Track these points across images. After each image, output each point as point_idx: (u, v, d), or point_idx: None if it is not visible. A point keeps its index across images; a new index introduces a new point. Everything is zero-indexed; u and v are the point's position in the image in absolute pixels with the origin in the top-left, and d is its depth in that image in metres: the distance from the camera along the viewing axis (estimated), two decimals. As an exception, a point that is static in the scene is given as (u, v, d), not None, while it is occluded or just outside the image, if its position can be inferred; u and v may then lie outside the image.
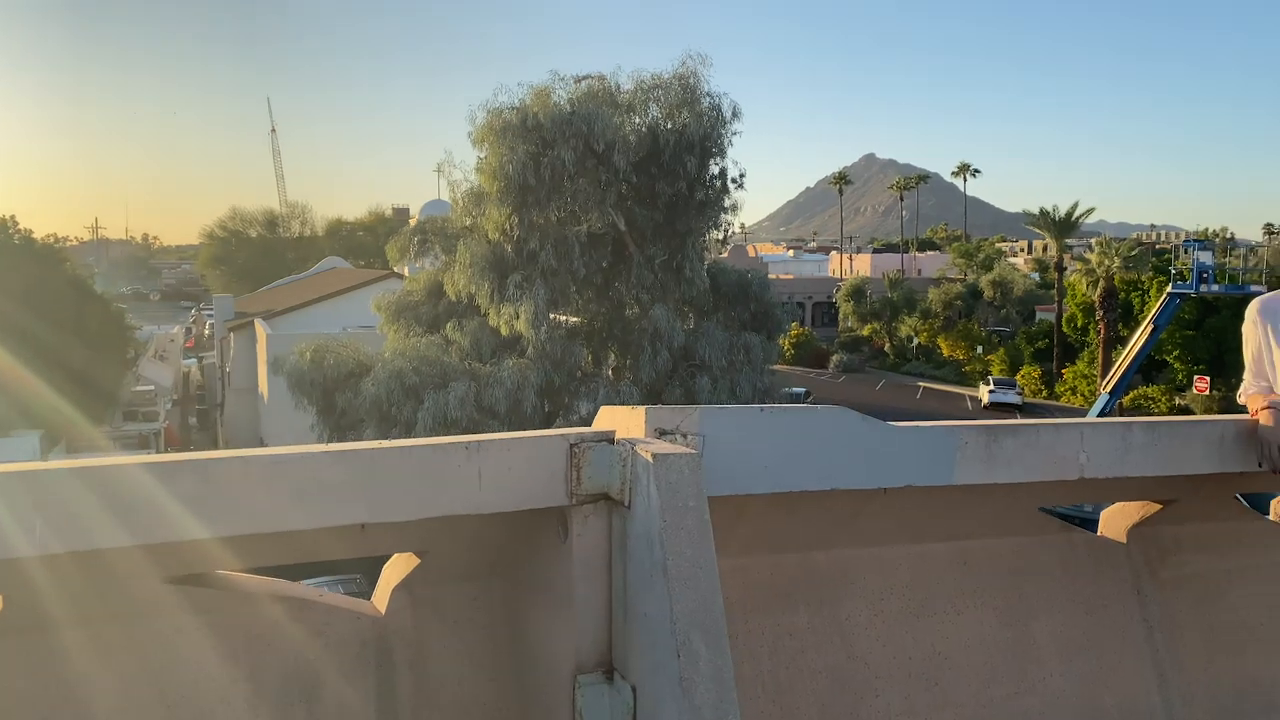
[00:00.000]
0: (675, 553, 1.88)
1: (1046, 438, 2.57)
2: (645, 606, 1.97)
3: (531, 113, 19.33)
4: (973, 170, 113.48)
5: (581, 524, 2.09)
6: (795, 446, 2.31)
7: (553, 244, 19.70)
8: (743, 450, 2.25)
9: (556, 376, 20.47)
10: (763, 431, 2.27)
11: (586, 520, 2.09)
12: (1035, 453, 2.55)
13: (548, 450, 2.05)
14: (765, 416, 2.28)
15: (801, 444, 2.30)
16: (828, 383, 57.74)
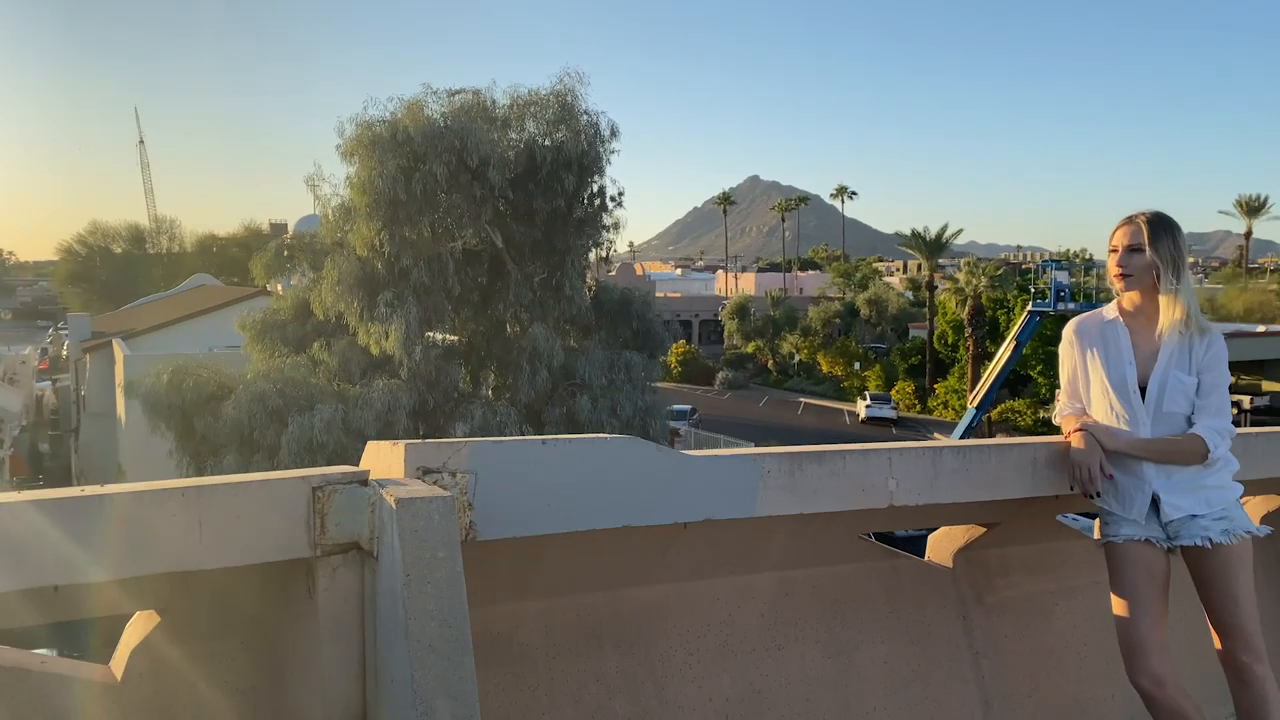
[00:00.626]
0: (419, 612, 1.66)
1: (854, 465, 2.46)
2: (393, 670, 1.74)
3: (402, 126, 18.84)
4: (850, 192, 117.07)
5: (329, 578, 1.84)
6: (584, 481, 2.12)
7: (426, 261, 19.21)
8: (524, 487, 2.05)
9: (431, 397, 19.93)
10: (545, 465, 2.07)
11: (335, 574, 1.85)
12: (841, 481, 2.44)
13: (285, 495, 1.80)
14: (548, 449, 2.08)
15: (590, 478, 2.12)
16: (713, 399, 58.35)
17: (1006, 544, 3.36)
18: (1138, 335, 2.82)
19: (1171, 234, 2.76)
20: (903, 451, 2.53)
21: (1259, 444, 3.33)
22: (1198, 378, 2.75)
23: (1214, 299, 60.58)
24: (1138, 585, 2.74)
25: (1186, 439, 2.73)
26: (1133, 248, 2.76)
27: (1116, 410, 2.80)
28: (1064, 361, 2.98)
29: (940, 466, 2.61)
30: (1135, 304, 2.84)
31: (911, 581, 3.18)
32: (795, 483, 2.36)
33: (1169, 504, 2.74)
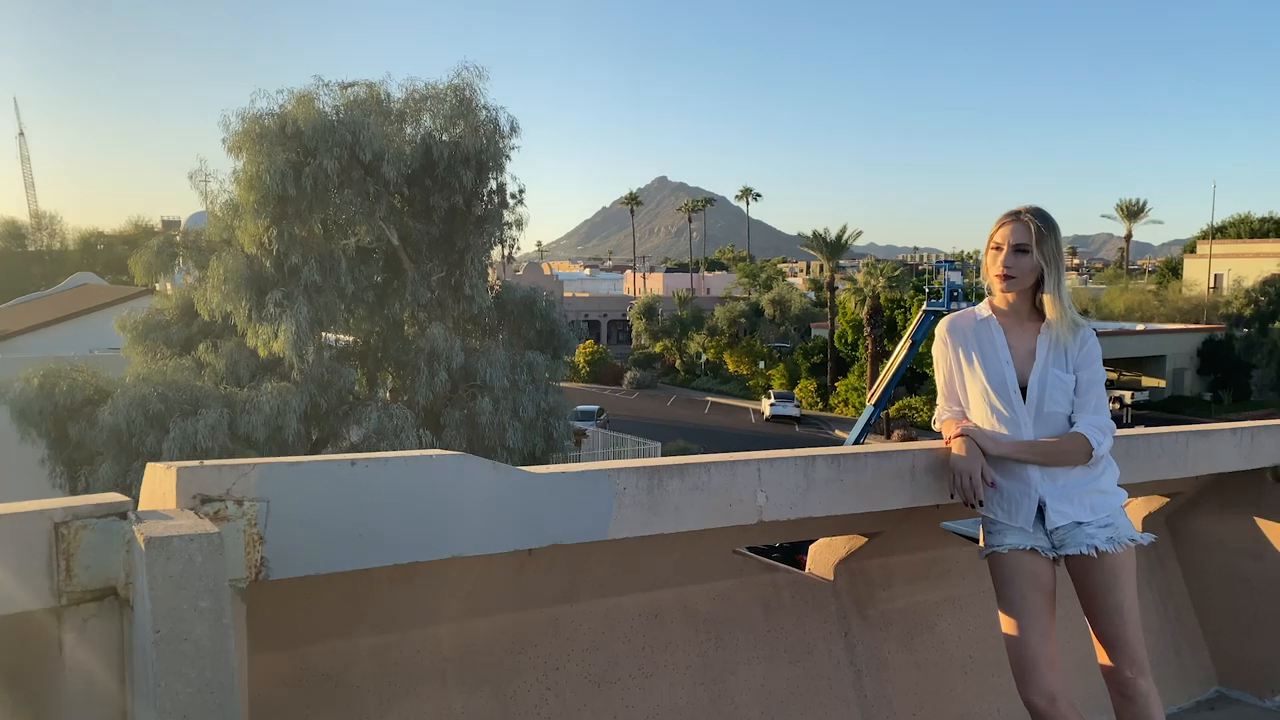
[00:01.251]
0: (172, 675, 1.36)
1: (719, 478, 2.25)
2: (151, 743, 1.44)
3: (292, 119, 18.09)
4: (755, 194, 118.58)
5: (78, 631, 1.53)
6: (403, 505, 1.84)
7: (317, 259, 18.49)
8: (328, 515, 1.76)
9: (324, 400, 19.20)
10: (355, 490, 1.79)
11: (85, 626, 1.53)
12: (705, 496, 2.22)
13: (17, 532, 1.48)
14: (358, 470, 1.80)
15: (411, 503, 1.85)
16: (622, 399, 58.27)
17: (889, 553, 3.21)
18: (1013, 334, 2.70)
19: (1054, 233, 2.64)
20: (773, 462, 2.33)
21: (1140, 446, 3.25)
22: (1075, 375, 2.63)
23: (1097, 299, 63.29)
24: (1026, 597, 2.60)
25: (1069, 438, 2.61)
26: (1019, 248, 2.62)
27: (997, 412, 2.66)
28: (939, 363, 2.84)
29: (813, 477, 2.42)
30: (1009, 302, 2.71)
31: (791, 597, 2.99)
32: (655, 500, 2.13)
33: (1055, 510, 2.62)
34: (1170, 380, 50.57)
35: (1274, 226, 78.40)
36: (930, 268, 47.42)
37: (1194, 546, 4.04)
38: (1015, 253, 2.61)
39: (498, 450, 20.03)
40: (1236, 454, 3.53)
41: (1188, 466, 3.39)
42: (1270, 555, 3.84)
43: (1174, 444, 3.32)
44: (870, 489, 2.55)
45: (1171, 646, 3.99)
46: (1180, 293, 63.69)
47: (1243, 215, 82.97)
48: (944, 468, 2.68)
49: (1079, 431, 2.60)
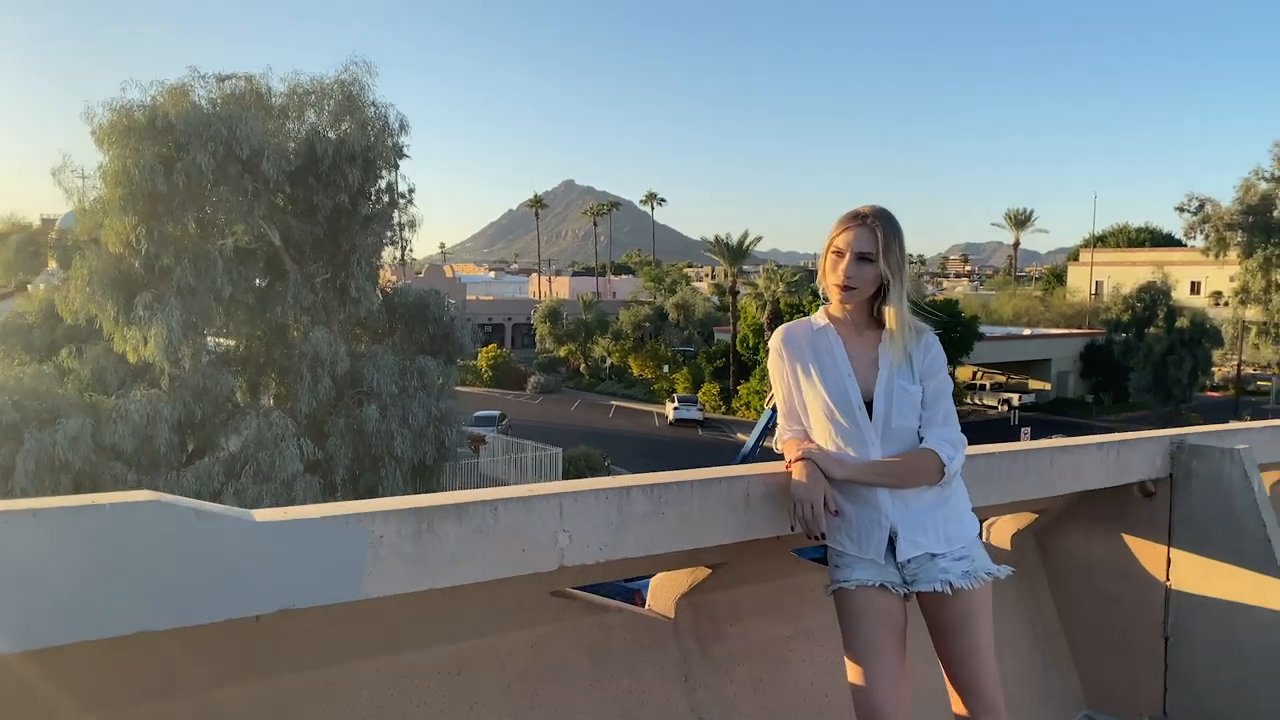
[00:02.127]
0: None
1: (510, 518, 1.90)
2: None
3: (163, 112, 17.08)
4: (659, 199, 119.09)
5: None
6: (79, 568, 1.45)
7: (191, 259, 17.50)
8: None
9: (199, 408, 18.20)
10: (23, 547, 1.39)
11: None
12: (491, 541, 1.87)
13: None
14: (30, 521, 1.40)
15: (87, 562, 1.45)
16: (525, 404, 57.53)
17: (737, 584, 2.91)
18: (852, 344, 2.44)
19: (899, 240, 2.39)
20: (578, 496, 2.00)
21: (1002, 465, 3.04)
22: (922, 385, 2.39)
23: (987, 304, 65.41)
24: (875, 638, 2.33)
25: (919, 455, 2.36)
26: (863, 256, 2.36)
27: (841, 429, 2.39)
28: (775, 379, 2.56)
29: (628, 511, 2.10)
30: (845, 310, 2.45)
31: (623, 640, 2.67)
32: (424, 549, 1.77)
33: (907, 540, 2.36)
34: (1055, 383, 52.52)
35: (1149, 236, 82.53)
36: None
37: (1063, 564, 3.88)
38: (858, 261, 2.35)
39: (385, 460, 19.34)
40: (1103, 470, 3.37)
41: (1053, 485, 3.20)
42: (1137, 573, 3.70)
43: (1038, 461, 3.12)
44: (698, 522, 2.25)
45: (1040, 669, 3.83)
46: (1064, 299, 66.35)
47: (1122, 225, 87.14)
48: (784, 495, 2.39)
49: (929, 448, 2.35)
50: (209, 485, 16.85)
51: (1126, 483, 3.52)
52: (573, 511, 1.99)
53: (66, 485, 16.01)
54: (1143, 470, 3.55)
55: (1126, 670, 3.75)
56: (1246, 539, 3.40)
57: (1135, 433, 3.79)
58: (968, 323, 47.12)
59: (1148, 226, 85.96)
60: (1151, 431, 3.84)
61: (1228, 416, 44.99)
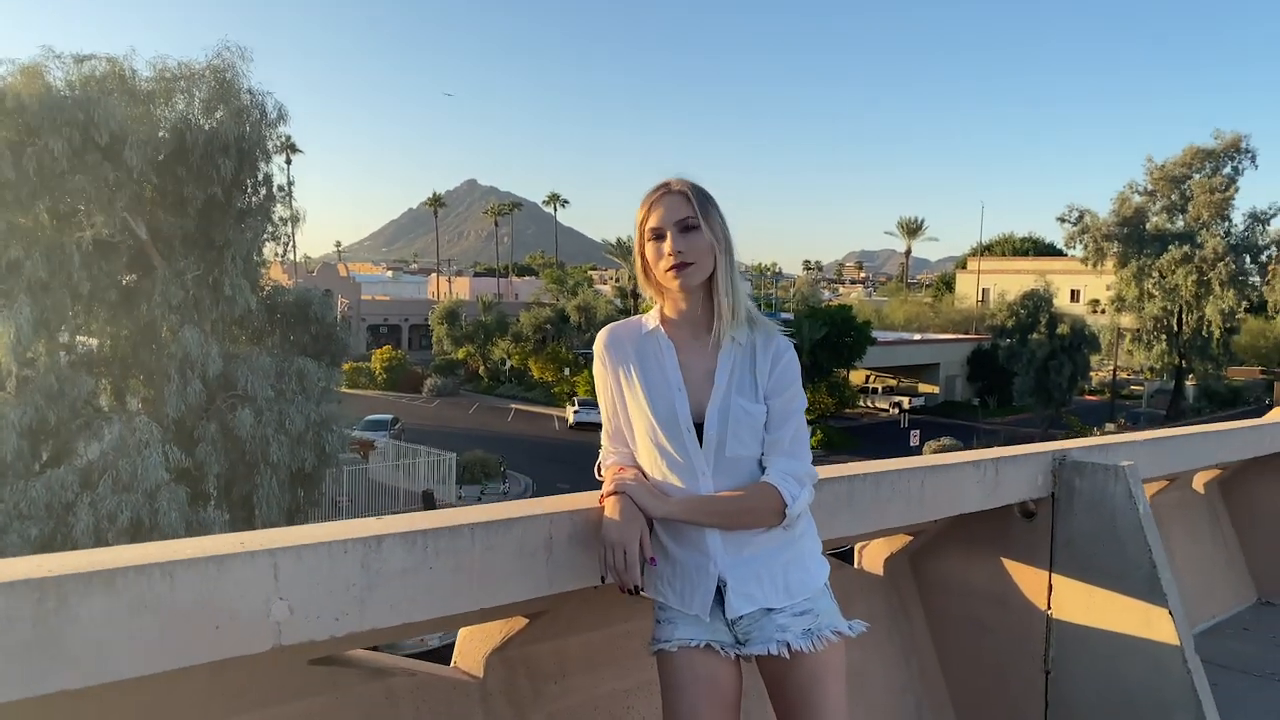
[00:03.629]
0: None
1: (195, 584, 1.40)
2: None
3: (13, 93, 15.77)
4: (562, 200, 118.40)
5: None
6: None
7: (43, 252, 16.20)
8: None
9: (53, 412, 16.87)
10: None
11: None
12: (163, 620, 1.37)
13: None
14: None
15: None
16: (420, 407, 56.14)
17: (562, 634, 2.47)
18: (687, 351, 2.01)
19: (716, 207, 1.99)
20: (302, 550, 1.51)
21: (865, 489, 2.67)
22: (766, 404, 1.98)
23: (880, 310, 66.91)
24: (699, 710, 1.91)
25: (755, 492, 1.94)
26: (685, 224, 1.94)
27: (668, 456, 1.97)
28: (599, 389, 2.13)
29: (379, 568, 1.62)
30: (680, 309, 2.03)
31: (416, 711, 2.18)
32: (50, 635, 1.27)
33: (737, 593, 1.95)
34: (944, 386, 53.95)
35: (1033, 245, 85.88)
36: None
37: (938, 591, 3.57)
38: (684, 232, 1.94)
39: (261, 466, 18.32)
40: (980, 491, 3.05)
41: (924, 510, 2.86)
42: (1015, 601, 3.41)
43: (907, 484, 2.77)
44: (482, 577, 1.79)
45: (914, 706, 3.50)
46: (953, 305, 68.38)
47: (1007, 235, 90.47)
48: (597, 537, 1.96)
49: (769, 483, 1.95)
50: (61, 496, 15.61)
51: (1005, 504, 3.21)
52: (294, 571, 1.51)
53: (-106, 498, 14.60)
54: (1023, 490, 3.25)
55: (1005, 705, 3.45)
56: (1130, 564, 3.13)
57: (1015, 448, 3.50)
58: (861, 327, 47.97)
59: (1031, 236, 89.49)
60: (1032, 447, 3.55)
61: (1104, 419, 46.95)
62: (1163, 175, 44.99)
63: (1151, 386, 53.01)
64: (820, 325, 45.76)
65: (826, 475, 2.49)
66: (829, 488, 2.51)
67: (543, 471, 36.34)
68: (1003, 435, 42.40)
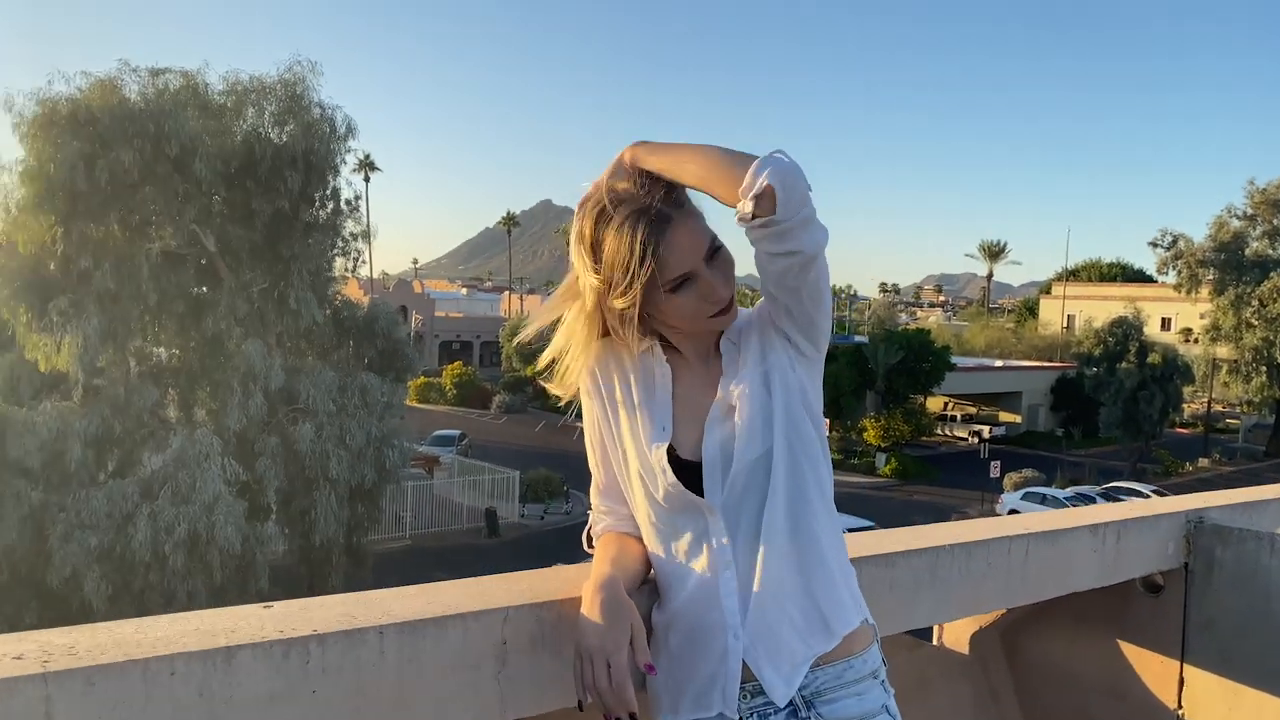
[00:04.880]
0: None
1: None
2: None
3: (85, 106, 15.97)
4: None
5: None
6: None
7: (113, 262, 16.33)
8: None
9: (119, 423, 16.97)
10: None
11: None
12: None
13: None
14: None
15: None
16: (489, 423, 56.33)
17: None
18: (687, 376, 1.49)
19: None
20: (94, 675, 0.99)
21: (954, 561, 2.06)
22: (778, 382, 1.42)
23: (960, 335, 65.04)
24: None
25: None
26: (714, 245, 1.40)
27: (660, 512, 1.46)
28: (587, 423, 1.59)
29: (229, 698, 1.09)
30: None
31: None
32: None
33: (771, 682, 1.39)
34: (1026, 415, 51.98)
35: (1121, 271, 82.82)
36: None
37: (1037, 677, 2.91)
38: (719, 261, 1.39)
39: (320, 482, 18.17)
40: (1096, 563, 2.42)
41: (1026, 588, 2.25)
42: (1135, 694, 2.74)
43: (1006, 556, 2.15)
44: (398, 702, 1.24)
45: (1005, 818, 2.85)
46: (1036, 332, 66.16)
47: (1094, 260, 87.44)
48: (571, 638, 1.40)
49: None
50: (122, 507, 15.60)
51: (1127, 579, 2.56)
52: (82, 704, 0.98)
53: (-40, 506, 14.75)
54: (1149, 561, 2.59)
55: (1120, 824, 2.78)
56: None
57: (1138, 506, 2.84)
58: (939, 352, 46.53)
59: (1120, 261, 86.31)
60: (1159, 504, 2.88)
61: (1197, 454, 44.62)
62: (1264, 199, 42.78)
63: (1249, 421, 50.33)
64: (896, 349, 44.50)
65: (901, 548, 1.90)
66: (905, 563, 1.91)
67: (605, 492, 35.75)
68: (1088, 468, 40.55)
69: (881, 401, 45.95)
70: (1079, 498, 33.59)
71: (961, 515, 36.14)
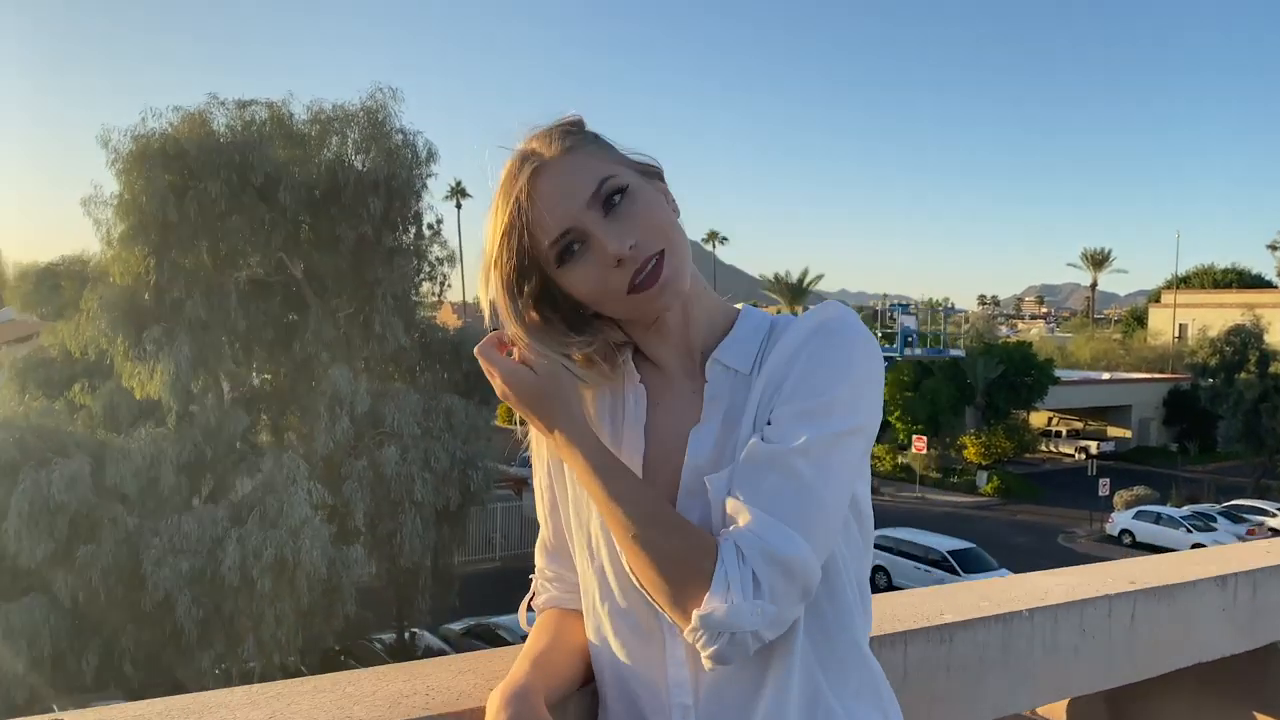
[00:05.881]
0: None
1: None
2: None
3: (174, 140, 16.43)
4: (721, 238, 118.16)
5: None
6: None
7: (203, 291, 16.72)
8: None
9: (210, 448, 17.32)
10: None
11: None
12: None
13: None
14: None
15: None
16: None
17: None
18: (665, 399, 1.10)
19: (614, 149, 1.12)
20: None
21: (1036, 634, 1.59)
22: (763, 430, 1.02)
23: (1064, 347, 62.44)
24: None
25: (691, 535, 0.99)
26: (611, 188, 1.03)
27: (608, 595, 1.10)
28: (535, 465, 1.21)
29: None
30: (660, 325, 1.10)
31: None
32: None
33: None
34: (1137, 430, 49.42)
35: (1237, 277, 78.42)
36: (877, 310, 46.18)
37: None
38: (610, 207, 1.02)
39: (405, 505, 18.22)
40: (1225, 625, 1.91)
41: (1134, 662, 1.76)
42: (1281, 781, 2.20)
43: (1105, 620, 1.67)
44: None
45: None
46: (1145, 342, 63.05)
47: (1206, 266, 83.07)
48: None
49: (709, 538, 0.98)
50: (212, 531, 15.86)
51: (1268, 642, 2.04)
52: None
53: (62, 528, 15.18)
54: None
55: None
56: None
57: (1276, 545, 2.30)
58: (1042, 366, 44.69)
59: (1235, 267, 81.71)
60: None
61: (1329, 469, 41.61)
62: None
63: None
64: (995, 363, 42.89)
65: (963, 616, 1.46)
66: (968, 636, 1.47)
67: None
68: (1206, 485, 38.22)
69: (982, 417, 44.29)
70: (1197, 517, 31.57)
71: (1069, 536, 34.32)
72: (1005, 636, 1.52)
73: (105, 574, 15.69)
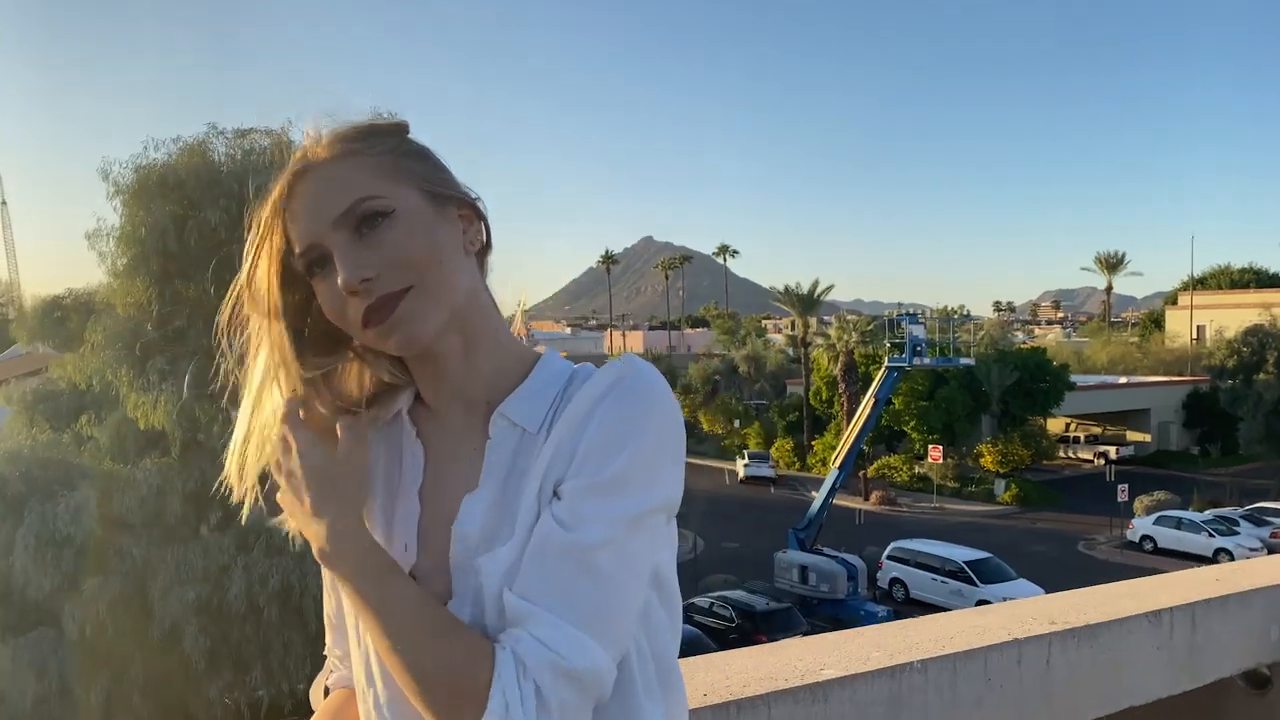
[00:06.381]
0: None
1: None
2: None
3: (173, 170, 16.51)
4: (732, 251, 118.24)
5: None
6: None
7: (205, 320, 16.72)
8: None
9: (216, 478, 17.27)
10: None
11: None
12: None
13: None
14: None
15: None
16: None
17: None
18: (445, 447, 1.01)
19: (427, 156, 1.02)
20: None
21: (927, 688, 1.48)
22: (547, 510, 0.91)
23: (1080, 352, 61.93)
24: None
25: (466, 642, 0.87)
26: (369, 209, 0.94)
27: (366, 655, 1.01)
28: None
29: None
30: (427, 369, 1.01)
31: None
32: None
33: None
34: (1156, 434, 48.87)
35: (1254, 277, 77.65)
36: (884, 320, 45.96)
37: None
38: (364, 231, 0.93)
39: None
40: (1162, 665, 1.78)
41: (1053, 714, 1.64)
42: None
43: (1016, 668, 1.55)
44: None
45: None
46: (1163, 345, 62.45)
47: (1222, 266, 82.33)
48: None
49: (484, 644, 0.86)
50: (218, 560, 15.82)
51: (1214, 680, 1.91)
52: None
53: (69, 561, 15.19)
54: (1244, 652, 1.94)
55: None
56: None
57: (1226, 571, 2.18)
58: (1057, 371, 44.32)
59: (1252, 267, 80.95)
60: (1254, 571, 2.21)
61: (1353, 469, 40.96)
62: None
63: None
64: (1010, 370, 42.55)
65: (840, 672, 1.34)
66: (845, 695, 1.35)
67: (711, 527, 35.04)
68: (1229, 488, 37.70)
69: (997, 425, 43.92)
70: (1219, 521, 31.10)
71: (1089, 543, 33.89)
72: (894, 692, 1.40)
73: (113, 605, 15.67)
